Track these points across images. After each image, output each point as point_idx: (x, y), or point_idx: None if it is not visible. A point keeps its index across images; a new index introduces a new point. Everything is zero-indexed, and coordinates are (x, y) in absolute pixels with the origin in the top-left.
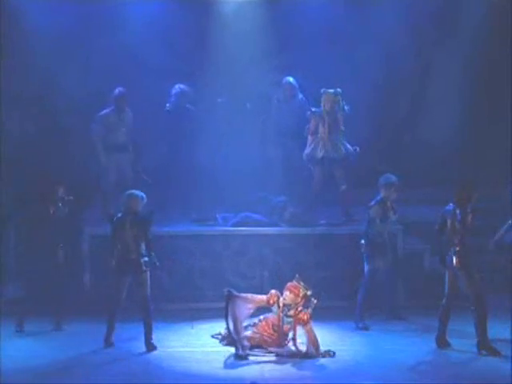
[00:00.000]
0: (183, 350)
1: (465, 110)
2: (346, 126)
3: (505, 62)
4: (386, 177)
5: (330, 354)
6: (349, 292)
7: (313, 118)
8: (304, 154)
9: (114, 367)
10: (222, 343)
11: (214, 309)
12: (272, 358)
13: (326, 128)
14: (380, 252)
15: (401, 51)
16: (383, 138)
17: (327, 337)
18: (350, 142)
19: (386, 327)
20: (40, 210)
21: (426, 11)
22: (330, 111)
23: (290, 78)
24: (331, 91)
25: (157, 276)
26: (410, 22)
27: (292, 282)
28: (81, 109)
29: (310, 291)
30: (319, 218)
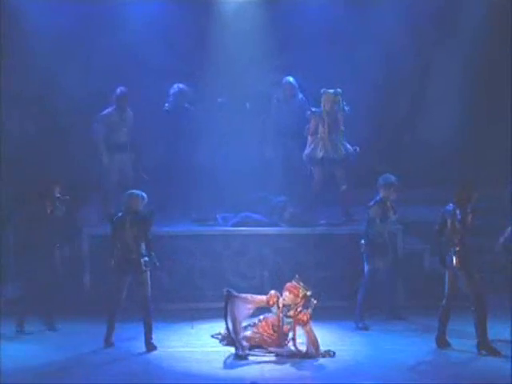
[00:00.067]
0: (183, 350)
1: (465, 109)
2: (346, 126)
3: (505, 61)
4: (385, 177)
5: (330, 353)
6: (349, 292)
7: (313, 118)
8: (304, 154)
9: (114, 367)
10: (222, 343)
11: (214, 309)
12: (272, 358)
13: (325, 128)
14: (380, 252)
15: (401, 51)
16: (383, 138)
17: (327, 337)
18: (350, 142)
19: (386, 327)
20: (37, 209)
21: (426, 11)
22: (330, 111)
23: (290, 77)
24: (331, 91)
25: (157, 276)
26: (409, 22)
27: (291, 283)
28: (81, 109)
29: (309, 291)
30: (319, 217)
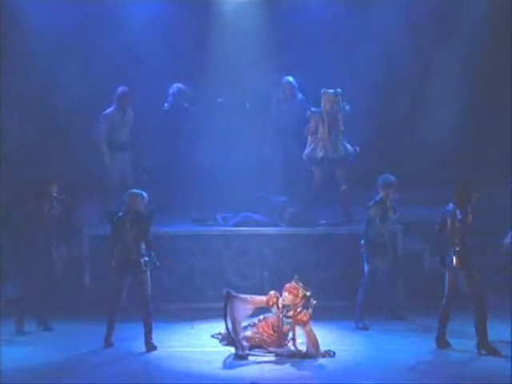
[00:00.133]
0: (183, 349)
1: (465, 109)
2: (346, 126)
3: (505, 61)
4: (384, 177)
5: (330, 353)
6: (349, 292)
7: (312, 118)
8: (304, 154)
9: (114, 367)
10: (222, 343)
11: (214, 309)
12: (272, 358)
13: (325, 128)
14: (380, 252)
15: (401, 51)
16: (383, 138)
17: (327, 337)
18: (350, 142)
19: (385, 327)
20: (34, 209)
21: (426, 11)
22: (330, 111)
23: (290, 77)
24: (331, 91)
25: (157, 276)
26: (409, 22)
27: (291, 283)
28: (81, 109)
29: (309, 292)
30: (319, 217)
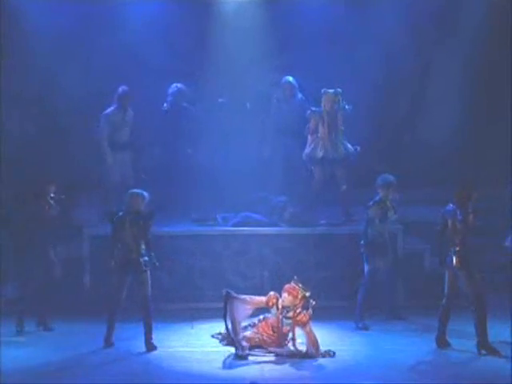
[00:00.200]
0: (183, 349)
1: (465, 110)
2: (346, 126)
3: (505, 61)
4: (383, 177)
5: (330, 354)
6: (349, 292)
7: (313, 118)
8: (304, 153)
9: (114, 367)
10: (222, 343)
11: (214, 309)
12: (272, 358)
13: (325, 128)
14: (380, 252)
15: (401, 51)
16: (383, 138)
17: (327, 337)
18: (350, 142)
19: (385, 327)
20: (32, 209)
21: (426, 11)
22: (330, 111)
23: (290, 77)
24: (331, 91)
25: (157, 276)
26: (409, 22)
27: (290, 284)
28: (81, 109)
29: (308, 292)
30: (319, 217)
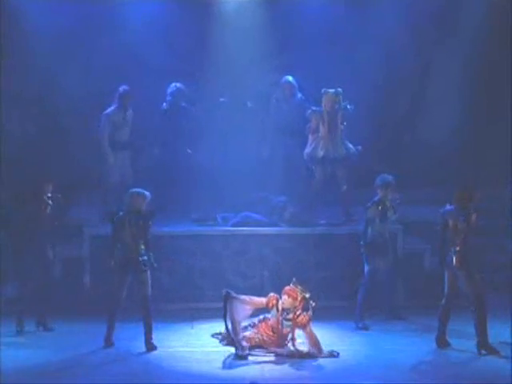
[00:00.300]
0: (183, 349)
1: (465, 110)
2: (346, 126)
3: (505, 61)
4: (382, 177)
5: (334, 354)
6: (349, 292)
7: (313, 117)
8: (304, 153)
9: (114, 367)
10: (222, 343)
11: (214, 309)
12: (272, 358)
13: (326, 127)
14: (380, 252)
15: (401, 51)
16: (383, 138)
17: (327, 337)
18: (351, 142)
19: (385, 327)
20: (30, 209)
21: (426, 11)
22: (331, 111)
23: (289, 77)
24: (332, 91)
25: (157, 276)
26: (409, 22)
27: (289, 286)
28: (81, 109)
29: (307, 294)
30: (319, 217)
